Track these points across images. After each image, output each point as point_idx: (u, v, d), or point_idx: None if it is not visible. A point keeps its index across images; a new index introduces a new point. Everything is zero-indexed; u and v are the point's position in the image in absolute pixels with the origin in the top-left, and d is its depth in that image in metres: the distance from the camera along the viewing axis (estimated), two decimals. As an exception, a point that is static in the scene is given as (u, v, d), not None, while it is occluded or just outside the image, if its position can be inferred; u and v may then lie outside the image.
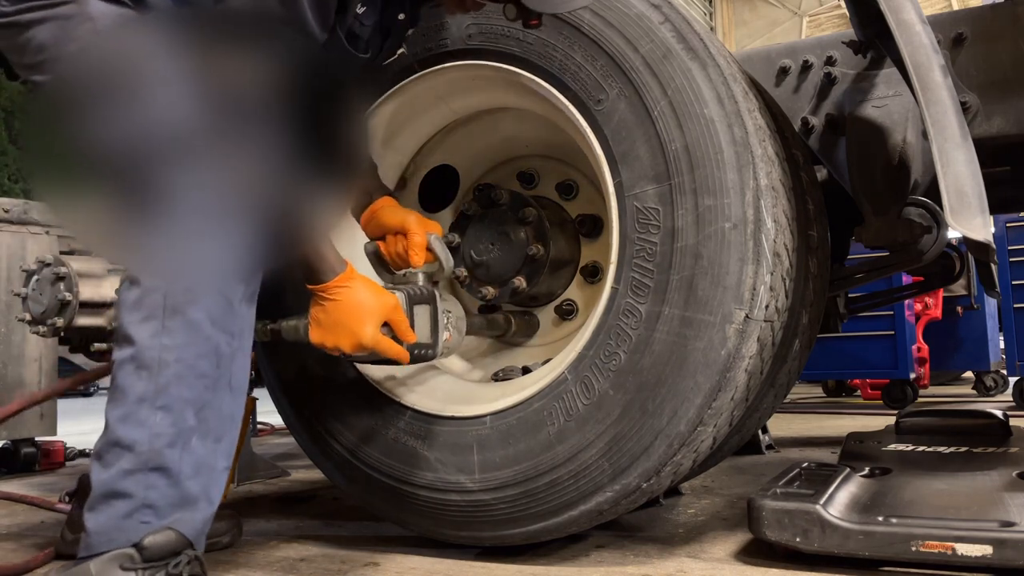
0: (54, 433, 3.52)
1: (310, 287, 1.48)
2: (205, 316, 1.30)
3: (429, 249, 1.63)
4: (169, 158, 1.32)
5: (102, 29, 1.32)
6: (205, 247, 1.32)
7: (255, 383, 2.17)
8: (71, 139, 1.40)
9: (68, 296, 2.22)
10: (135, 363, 1.28)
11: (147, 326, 1.28)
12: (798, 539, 1.50)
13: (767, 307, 1.50)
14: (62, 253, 2.50)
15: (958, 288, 6.16)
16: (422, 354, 1.57)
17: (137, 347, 1.28)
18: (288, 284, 1.68)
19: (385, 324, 1.48)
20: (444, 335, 1.61)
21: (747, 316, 1.45)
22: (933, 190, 1.59)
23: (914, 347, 5.77)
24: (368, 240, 1.70)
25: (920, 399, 5.95)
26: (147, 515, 1.25)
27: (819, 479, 1.71)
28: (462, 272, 1.91)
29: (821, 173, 2.19)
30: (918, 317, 6.08)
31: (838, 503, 1.56)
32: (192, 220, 1.32)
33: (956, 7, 15.61)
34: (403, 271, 1.65)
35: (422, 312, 1.58)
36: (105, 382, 1.69)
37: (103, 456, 1.28)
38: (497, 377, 1.91)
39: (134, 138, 1.33)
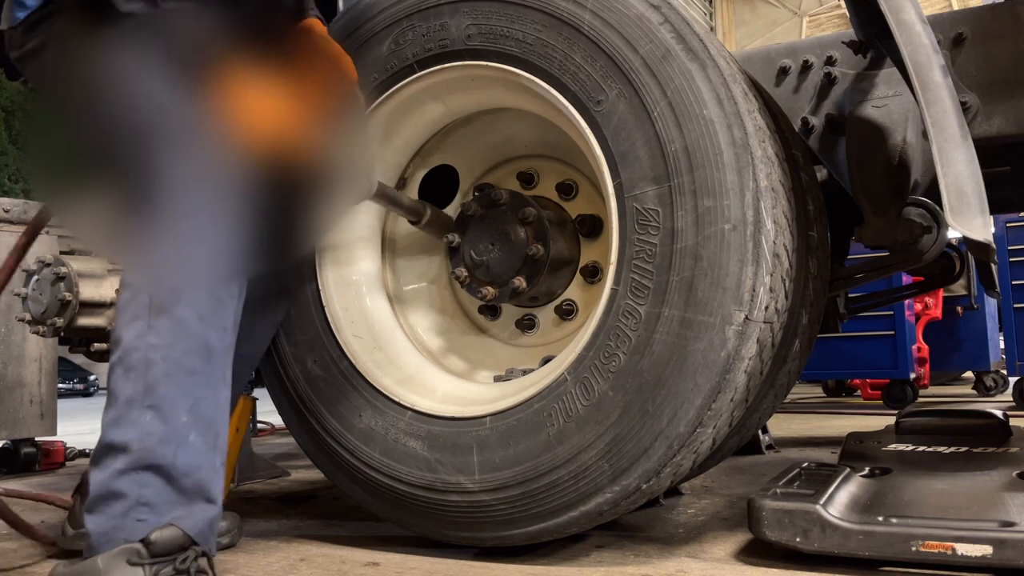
0: (54, 433, 3.52)
1: None
2: (193, 313, 1.32)
3: None
4: (157, 159, 1.37)
5: (95, 42, 1.39)
6: (191, 248, 1.35)
7: (255, 383, 2.17)
8: (72, 140, 1.47)
9: (68, 296, 2.22)
10: (123, 365, 1.30)
11: (133, 327, 1.31)
12: (798, 539, 1.50)
13: (767, 308, 1.50)
14: (62, 253, 2.50)
15: (958, 288, 6.17)
16: None
17: (123, 348, 1.31)
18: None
19: None
20: None
21: (747, 317, 1.45)
22: (933, 190, 1.59)
23: (914, 347, 5.78)
24: None
25: (920, 399, 5.96)
26: (143, 513, 1.26)
27: (819, 479, 1.71)
28: (462, 272, 1.91)
29: (821, 173, 2.19)
30: (918, 317, 6.08)
31: (838, 503, 1.56)
32: (179, 222, 1.36)
33: (956, 7, 15.61)
34: None
35: None
36: (105, 381, 1.70)
37: (98, 460, 1.30)
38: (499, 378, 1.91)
39: (127, 137, 1.39)
